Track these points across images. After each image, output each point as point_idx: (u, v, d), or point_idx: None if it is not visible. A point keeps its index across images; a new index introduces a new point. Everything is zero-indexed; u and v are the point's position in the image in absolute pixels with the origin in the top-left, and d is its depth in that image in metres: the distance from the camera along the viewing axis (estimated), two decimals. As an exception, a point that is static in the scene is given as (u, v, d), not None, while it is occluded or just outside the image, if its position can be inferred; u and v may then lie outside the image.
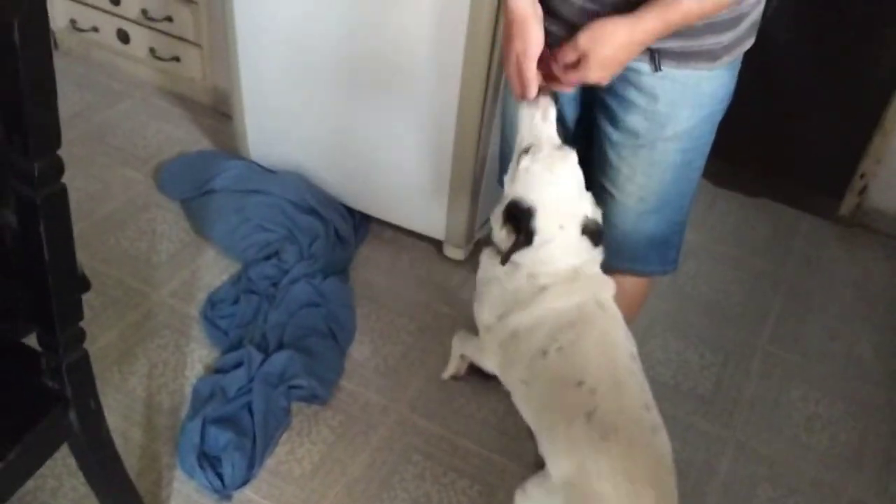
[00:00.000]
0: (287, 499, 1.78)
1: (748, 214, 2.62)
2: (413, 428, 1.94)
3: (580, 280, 1.50)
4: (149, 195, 2.48)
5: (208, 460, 1.77)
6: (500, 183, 1.78)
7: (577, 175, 1.47)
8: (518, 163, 1.47)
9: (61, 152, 1.09)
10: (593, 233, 1.49)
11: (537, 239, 1.46)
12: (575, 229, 1.47)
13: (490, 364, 1.67)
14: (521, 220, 1.46)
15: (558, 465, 1.40)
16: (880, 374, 2.17)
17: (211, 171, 2.46)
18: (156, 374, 2.00)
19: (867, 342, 2.26)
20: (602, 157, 1.52)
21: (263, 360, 1.95)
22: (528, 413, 1.54)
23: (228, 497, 1.76)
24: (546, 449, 1.46)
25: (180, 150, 2.64)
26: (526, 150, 1.46)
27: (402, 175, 2.28)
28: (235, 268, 2.25)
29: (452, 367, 1.99)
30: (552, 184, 1.45)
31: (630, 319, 1.82)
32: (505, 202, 1.51)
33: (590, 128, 1.55)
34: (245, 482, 1.78)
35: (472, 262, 2.08)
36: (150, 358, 2.03)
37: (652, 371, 2.12)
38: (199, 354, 2.05)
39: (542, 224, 1.46)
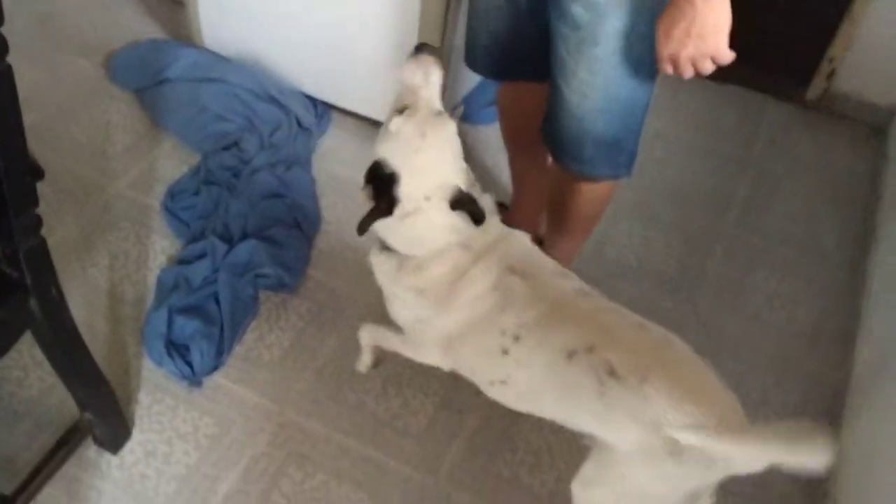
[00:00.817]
0: (257, 384, 1.79)
1: (715, 100, 2.60)
2: (382, 314, 1.93)
3: (478, 254, 1.36)
4: (100, 85, 2.38)
5: (176, 349, 1.77)
6: (470, 66, 1.74)
7: (453, 145, 1.34)
8: (388, 122, 1.33)
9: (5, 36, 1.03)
10: (471, 210, 1.34)
11: (398, 209, 1.31)
12: (442, 202, 1.32)
13: (433, 360, 1.49)
14: (382, 186, 1.31)
15: (622, 435, 1.23)
16: (841, 256, 2.21)
17: (164, 59, 2.37)
18: (117, 265, 1.97)
19: (830, 226, 2.29)
20: (553, 50, 1.49)
21: (228, 251, 1.93)
22: (537, 408, 1.37)
23: (198, 383, 1.76)
24: (588, 429, 1.29)
25: (131, 38, 2.53)
26: (400, 111, 1.33)
27: (365, 62, 2.21)
28: (194, 158, 2.19)
29: (367, 360, 1.73)
30: (421, 150, 1.31)
31: (591, 222, 1.83)
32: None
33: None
34: (214, 369, 1.79)
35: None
36: (111, 249, 1.99)
37: (616, 254, 2.14)
38: (161, 245, 2.02)
39: (405, 192, 1.30)
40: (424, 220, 1.33)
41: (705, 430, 1.14)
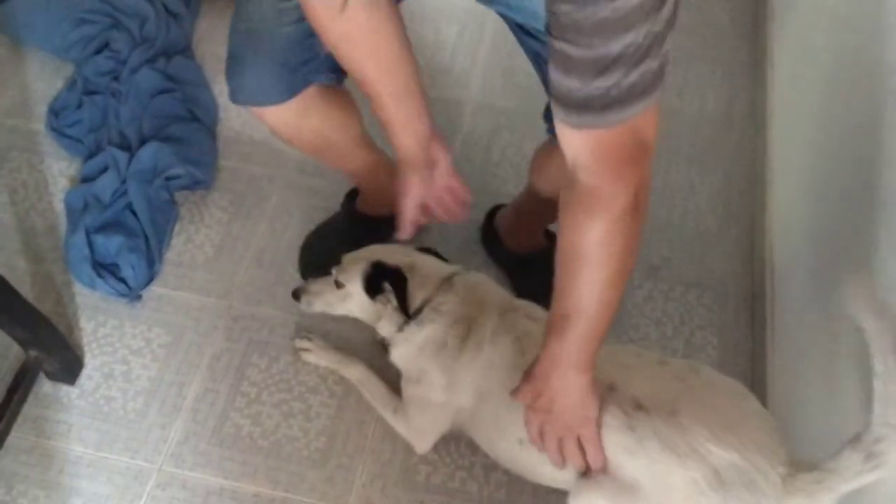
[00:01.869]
0: (198, 285, 1.76)
1: None
2: (306, 189, 1.90)
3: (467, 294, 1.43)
4: (-60, 12, 2.17)
5: (106, 268, 1.71)
6: None
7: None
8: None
9: None
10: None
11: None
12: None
13: (421, 442, 1.52)
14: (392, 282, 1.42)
15: (657, 470, 1.14)
16: (739, 33, 2.23)
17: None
18: (18, 198, 1.86)
19: (723, 7, 2.29)
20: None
21: (130, 159, 1.83)
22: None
23: (138, 297, 1.72)
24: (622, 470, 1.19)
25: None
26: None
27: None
28: (67, 70, 2.05)
29: (320, 363, 1.66)
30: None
31: None
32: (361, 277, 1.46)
33: None
34: (150, 280, 1.74)
35: None
36: (7, 184, 1.88)
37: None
38: (59, 168, 1.91)
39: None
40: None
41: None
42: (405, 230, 1.36)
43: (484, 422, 1.39)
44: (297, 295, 1.54)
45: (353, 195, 1.79)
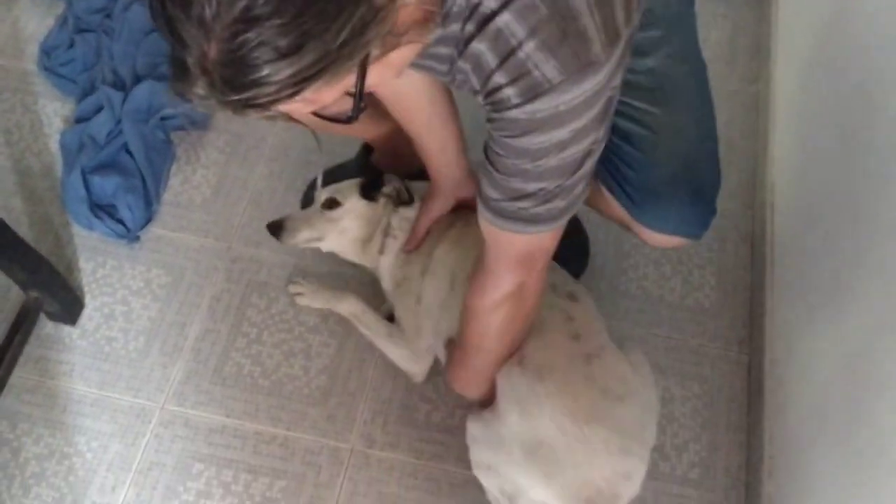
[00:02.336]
0: (197, 226, 1.75)
1: None
2: (303, 130, 1.85)
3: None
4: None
5: (103, 209, 1.70)
6: None
7: None
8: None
9: None
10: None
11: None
12: None
13: (421, 348, 1.51)
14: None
15: (507, 416, 1.26)
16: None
17: None
18: (13, 139, 1.84)
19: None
20: None
21: (125, 98, 1.81)
22: None
23: (136, 238, 1.71)
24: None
25: None
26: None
27: None
28: (58, 8, 2.00)
29: (314, 305, 1.67)
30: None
31: None
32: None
33: None
34: (148, 221, 1.73)
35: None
36: (1, 126, 1.85)
37: None
38: (53, 108, 1.89)
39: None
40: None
41: None
42: (412, 244, 1.48)
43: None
44: (275, 229, 1.52)
45: (368, 148, 1.75)
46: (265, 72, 0.66)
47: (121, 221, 1.69)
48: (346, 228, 1.52)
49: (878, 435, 1.07)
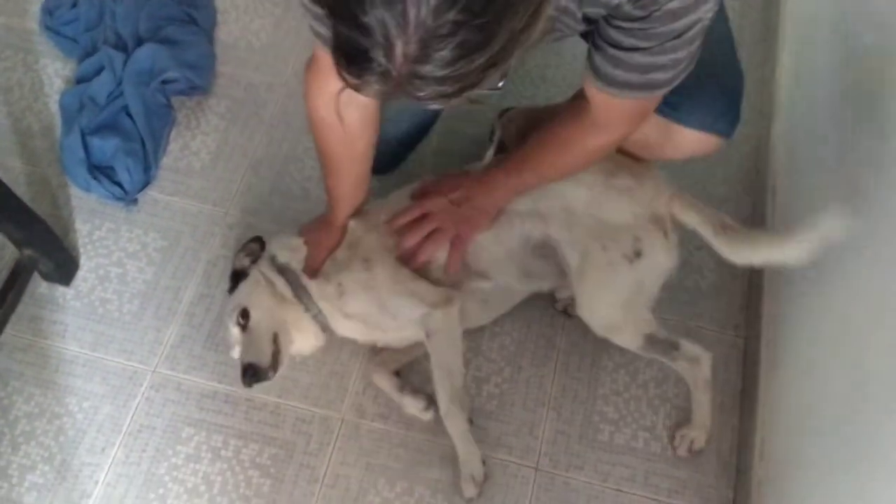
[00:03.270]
0: (195, 191, 1.74)
1: None
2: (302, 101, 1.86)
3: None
4: None
5: (101, 171, 1.69)
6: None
7: None
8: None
9: None
10: None
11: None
12: None
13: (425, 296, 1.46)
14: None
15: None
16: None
17: None
18: (13, 98, 1.83)
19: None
20: None
21: (126, 60, 1.79)
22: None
23: (134, 201, 1.71)
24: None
25: None
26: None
27: None
28: (62, -33, 1.98)
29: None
30: None
31: None
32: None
33: None
34: (146, 184, 1.72)
35: None
36: (1, 83, 1.84)
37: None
38: (54, 68, 1.87)
39: None
40: None
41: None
42: (310, 273, 1.47)
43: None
44: (254, 380, 1.40)
45: None
46: (458, 66, 0.68)
47: (119, 184, 1.68)
48: (273, 328, 1.44)
49: (870, 421, 1.06)
